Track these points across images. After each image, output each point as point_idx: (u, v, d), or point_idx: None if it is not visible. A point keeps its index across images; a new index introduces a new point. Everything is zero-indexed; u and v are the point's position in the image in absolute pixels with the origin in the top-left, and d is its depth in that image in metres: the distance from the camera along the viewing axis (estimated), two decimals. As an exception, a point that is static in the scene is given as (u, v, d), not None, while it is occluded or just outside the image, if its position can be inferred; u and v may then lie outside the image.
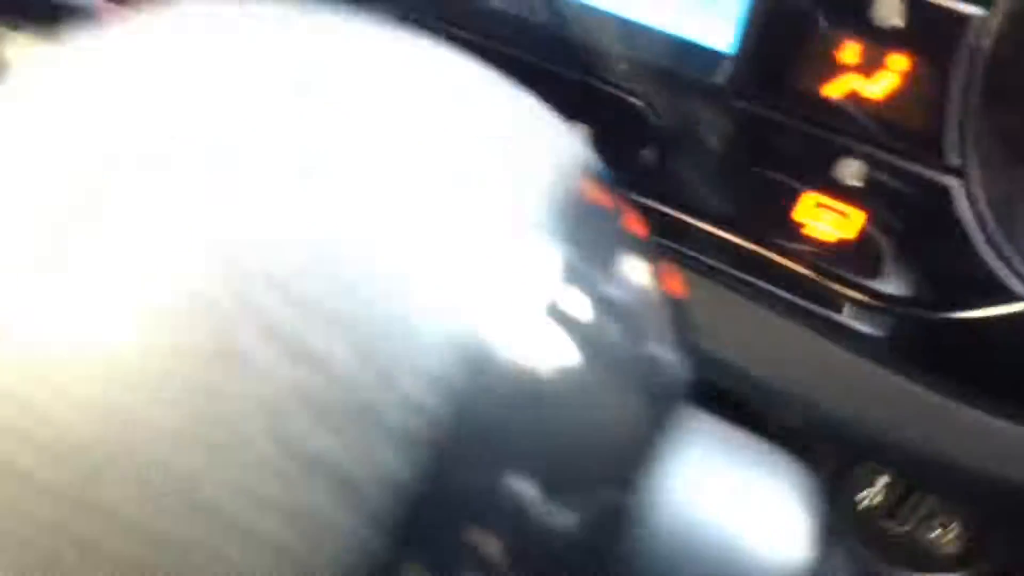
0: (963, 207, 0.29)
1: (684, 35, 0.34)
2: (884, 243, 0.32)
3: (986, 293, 0.30)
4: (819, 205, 0.32)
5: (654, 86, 0.34)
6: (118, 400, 0.13)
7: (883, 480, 0.43)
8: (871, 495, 0.43)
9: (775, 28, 0.31)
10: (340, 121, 0.14)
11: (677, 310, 0.18)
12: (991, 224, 0.29)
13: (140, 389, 0.12)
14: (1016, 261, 0.29)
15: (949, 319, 0.31)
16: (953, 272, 0.31)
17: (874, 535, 0.43)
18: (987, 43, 0.27)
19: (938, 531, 0.43)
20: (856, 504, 0.43)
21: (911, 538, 0.43)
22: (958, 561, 0.43)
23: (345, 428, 0.13)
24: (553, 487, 0.14)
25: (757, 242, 0.34)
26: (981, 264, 0.30)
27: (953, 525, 0.42)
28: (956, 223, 0.30)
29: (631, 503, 0.16)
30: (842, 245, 0.32)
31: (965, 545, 0.42)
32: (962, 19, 0.28)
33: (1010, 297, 0.30)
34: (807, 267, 0.33)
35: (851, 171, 0.31)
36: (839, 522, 0.44)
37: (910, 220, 0.31)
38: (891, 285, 0.32)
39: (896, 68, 0.30)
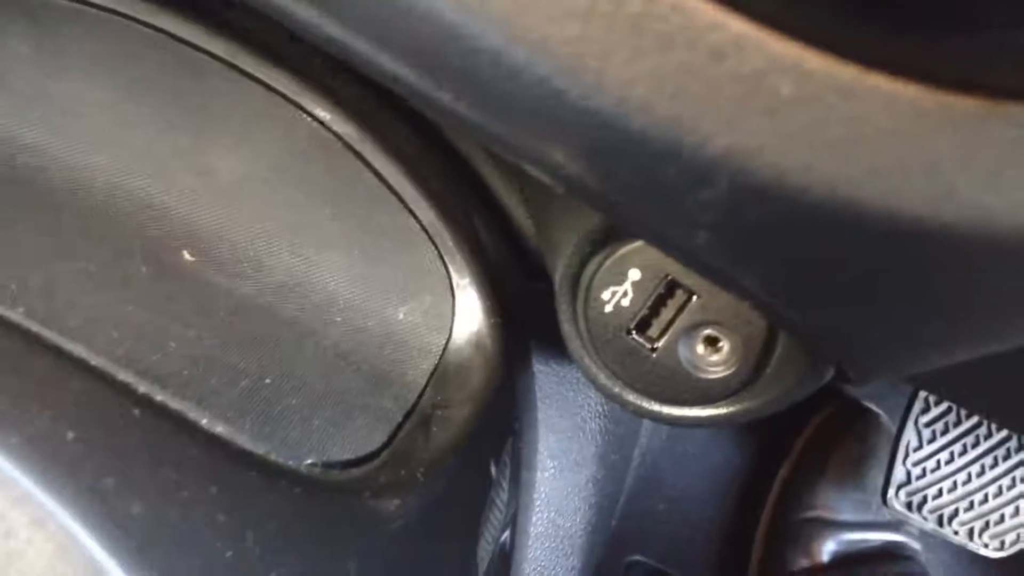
0: None
1: None
2: None
3: None
4: None
5: None
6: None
7: (633, 275, 0.28)
8: (614, 296, 0.29)
9: None
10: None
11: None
12: None
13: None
14: None
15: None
16: None
17: (617, 352, 0.29)
18: None
19: (703, 349, 0.29)
20: (595, 306, 0.29)
21: (667, 358, 0.29)
22: (726, 391, 0.29)
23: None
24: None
25: None
26: None
27: (724, 341, 0.28)
28: None
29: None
30: None
31: (737, 369, 0.28)
32: None
33: None
34: None
35: None
36: (570, 331, 0.30)
37: None
38: None
39: None
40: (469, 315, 0.34)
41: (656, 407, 0.32)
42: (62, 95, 0.33)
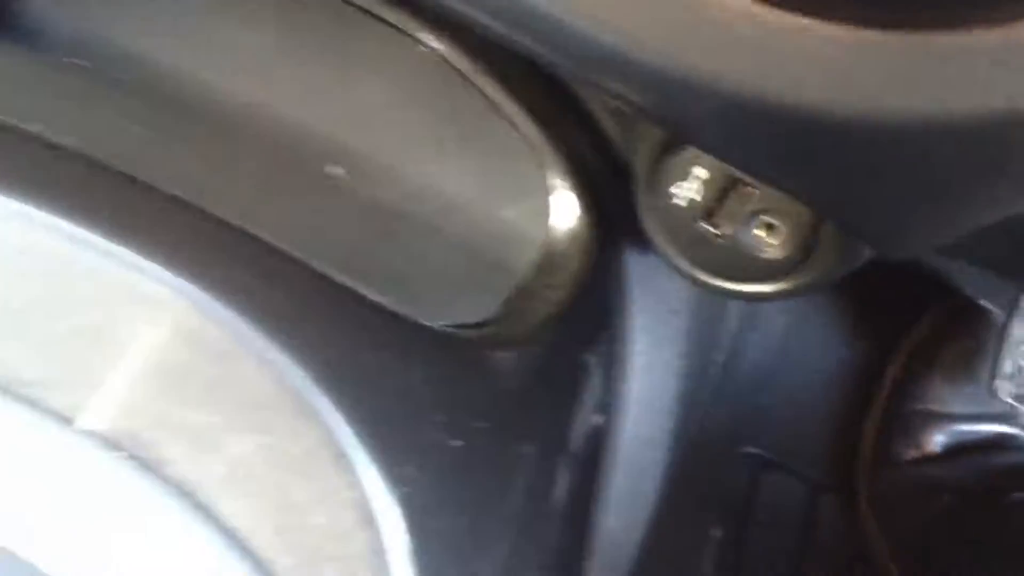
0: None
1: None
2: None
3: None
4: None
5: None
6: None
7: (700, 173, 0.35)
8: (685, 191, 0.35)
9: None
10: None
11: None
12: None
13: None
14: None
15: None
16: None
17: (689, 238, 0.35)
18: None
19: (761, 233, 0.34)
20: (669, 200, 0.35)
21: (731, 242, 0.35)
22: (781, 269, 0.35)
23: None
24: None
25: None
26: None
27: (779, 226, 0.34)
28: None
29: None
30: None
31: (791, 250, 0.34)
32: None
33: None
34: None
35: None
36: (649, 223, 0.37)
37: None
38: None
39: None
40: (567, 213, 0.41)
41: (722, 283, 0.38)
42: (227, 41, 0.41)
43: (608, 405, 0.45)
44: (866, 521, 0.89)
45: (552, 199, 0.41)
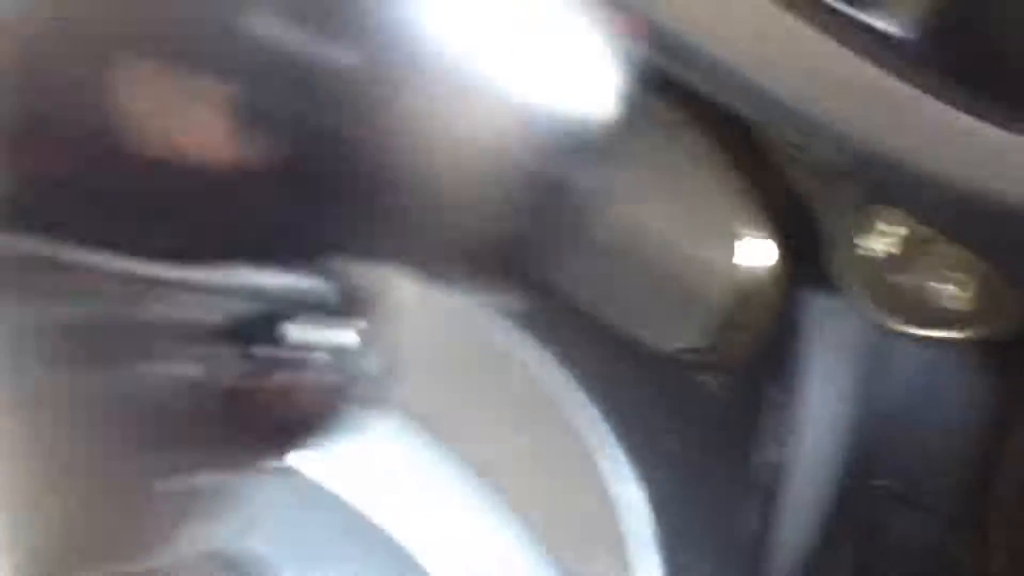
0: None
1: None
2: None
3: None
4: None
5: None
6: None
7: (886, 227, 0.40)
8: (874, 243, 0.40)
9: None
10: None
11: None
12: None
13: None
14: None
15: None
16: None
17: (877, 287, 0.40)
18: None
19: (947, 285, 0.39)
20: (859, 251, 0.40)
21: (917, 291, 0.40)
22: (966, 318, 0.39)
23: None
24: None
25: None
26: None
27: (964, 278, 0.39)
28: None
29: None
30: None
31: (975, 301, 0.39)
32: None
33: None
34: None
35: None
36: (841, 271, 0.42)
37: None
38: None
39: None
40: (766, 256, 0.46)
41: (907, 328, 0.43)
42: None
43: (787, 435, 0.50)
44: (997, 562, 0.90)
45: (753, 243, 0.46)
